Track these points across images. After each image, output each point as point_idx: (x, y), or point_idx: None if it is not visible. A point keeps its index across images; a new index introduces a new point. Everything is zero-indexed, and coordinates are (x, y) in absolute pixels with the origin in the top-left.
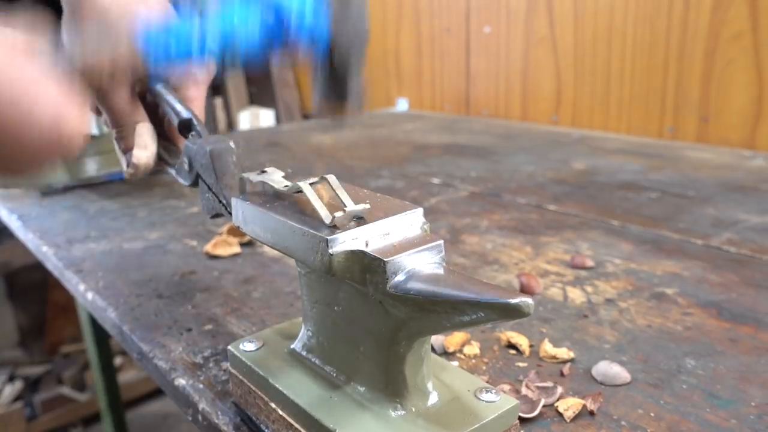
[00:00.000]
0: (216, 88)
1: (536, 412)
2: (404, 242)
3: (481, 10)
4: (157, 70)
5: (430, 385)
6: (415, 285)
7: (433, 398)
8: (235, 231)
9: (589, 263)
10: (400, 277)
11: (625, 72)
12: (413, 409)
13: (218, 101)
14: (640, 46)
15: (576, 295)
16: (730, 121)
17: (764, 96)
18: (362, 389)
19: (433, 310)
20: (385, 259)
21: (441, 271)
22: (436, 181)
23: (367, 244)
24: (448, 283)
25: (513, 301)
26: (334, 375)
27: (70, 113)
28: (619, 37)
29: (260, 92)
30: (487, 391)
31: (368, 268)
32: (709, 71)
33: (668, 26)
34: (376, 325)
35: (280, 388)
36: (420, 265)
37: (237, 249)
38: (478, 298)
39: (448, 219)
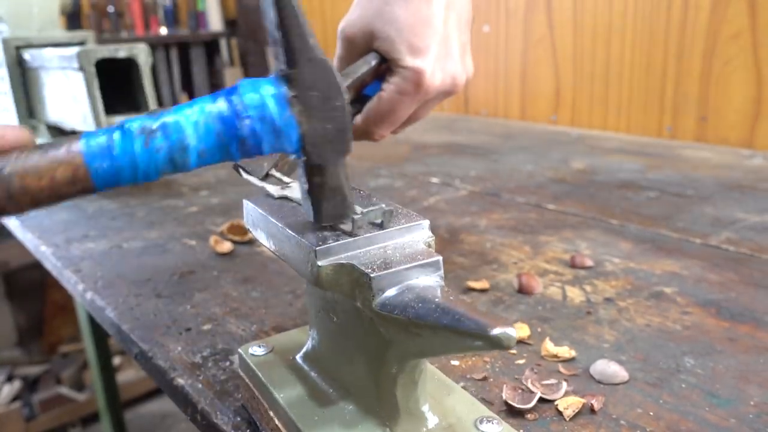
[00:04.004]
0: (215, 87)
1: (532, 404)
2: (399, 257)
3: (480, 10)
4: (100, 177)
5: (425, 409)
6: (401, 305)
7: (427, 424)
8: (235, 229)
9: (588, 263)
10: (389, 293)
11: (623, 71)
12: None
13: None
14: (639, 45)
15: (575, 294)
16: (728, 120)
17: (763, 95)
18: (354, 409)
19: (417, 334)
20: (372, 275)
21: (436, 291)
22: (435, 180)
23: (359, 257)
24: (434, 305)
25: (493, 332)
26: (331, 390)
27: None
28: (618, 37)
29: None
30: (488, 421)
31: (357, 282)
32: (707, 70)
33: (667, 25)
34: (368, 342)
35: (278, 398)
36: (414, 283)
37: (229, 246)
38: (458, 325)
39: (447, 218)
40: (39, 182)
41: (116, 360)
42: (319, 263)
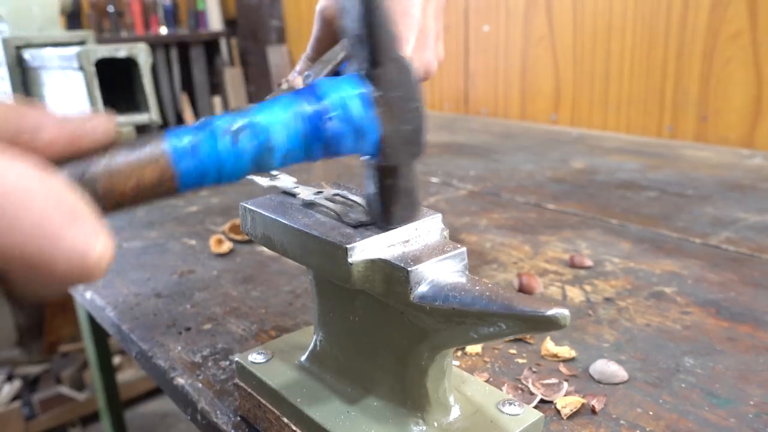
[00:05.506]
0: (215, 87)
1: (533, 405)
2: (426, 250)
3: (480, 9)
4: (186, 178)
5: (452, 399)
6: (440, 295)
7: (455, 412)
8: (235, 229)
9: (588, 262)
10: (423, 287)
11: (624, 71)
12: (435, 424)
13: (217, 100)
14: (639, 45)
15: (575, 294)
16: (728, 120)
17: (763, 95)
18: (381, 403)
19: (461, 322)
20: (409, 268)
21: (464, 280)
22: (435, 180)
23: (388, 252)
24: (477, 293)
25: (548, 313)
26: (350, 389)
27: (96, 243)
28: (618, 36)
29: (259, 91)
30: (510, 404)
31: (390, 277)
32: (707, 70)
33: (667, 25)
34: (396, 336)
35: (294, 403)
36: (443, 274)
37: (229, 246)
38: (512, 310)
39: (447, 218)
40: (125, 185)
41: (116, 360)
42: (351, 261)
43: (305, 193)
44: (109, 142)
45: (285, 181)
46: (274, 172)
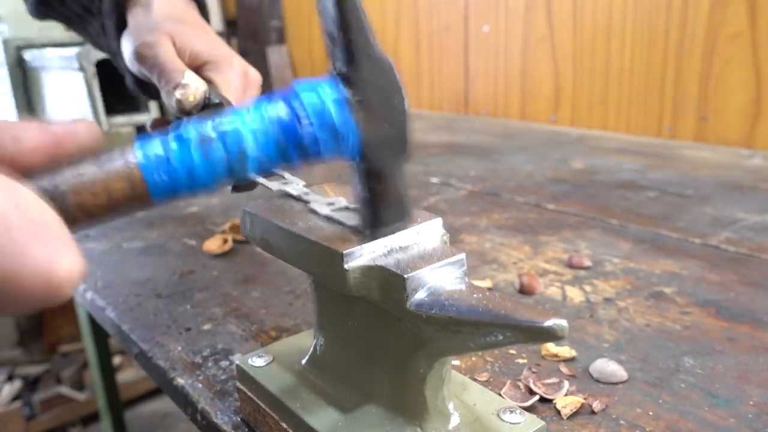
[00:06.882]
0: None
1: (530, 402)
2: (425, 256)
3: (480, 9)
4: (158, 190)
5: (451, 406)
6: (437, 303)
7: (454, 420)
8: (236, 229)
9: (586, 262)
10: (420, 294)
11: (623, 71)
12: None
13: None
14: (638, 45)
15: (575, 294)
16: (728, 120)
17: (762, 95)
18: (379, 410)
19: (457, 331)
20: (405, 275)
21: (463, 287)
22: (435, 180)
23: (385, 258)
24: (474, 301)
25: (546, 324)
26: (349, 395)
27: (62, 260)
28: (618, 36)
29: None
30: (511, 412)
31: (387, 284)
32: (707, 70)
33: (667, 25)
34: (394, 343)
35: (293, 408)
36: (441, 281)
37: (229, 246)
38: (508, 320)
39: (446, 218)
40: (95, 199)
41: (116, 360)
42: (347, 267)
43: (316, 202)
44: (93, 146)
45: (295, 185)
46: (283, 173)
